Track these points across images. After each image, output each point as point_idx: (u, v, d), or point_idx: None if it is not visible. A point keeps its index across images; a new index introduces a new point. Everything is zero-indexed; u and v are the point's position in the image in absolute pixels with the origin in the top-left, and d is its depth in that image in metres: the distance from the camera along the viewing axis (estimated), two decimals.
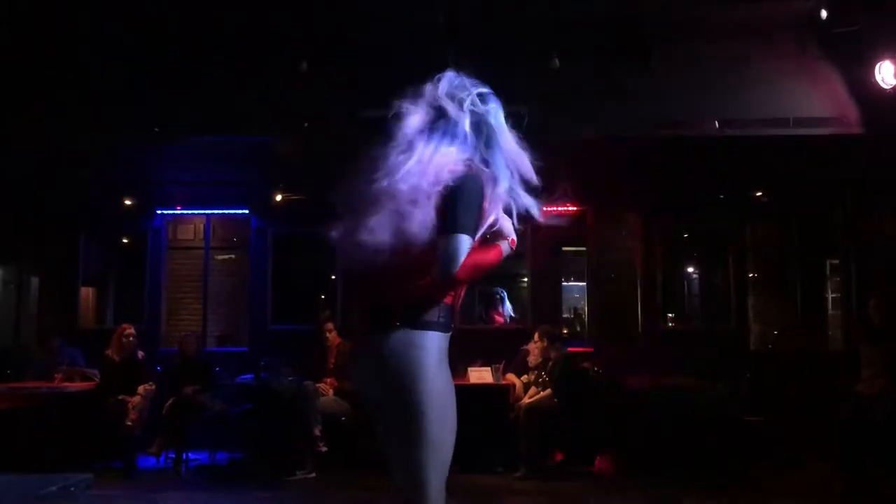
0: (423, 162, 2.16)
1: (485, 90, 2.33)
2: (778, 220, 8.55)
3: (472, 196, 2.17)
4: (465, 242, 2.12)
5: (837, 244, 8.15)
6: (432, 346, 2.17)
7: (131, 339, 7.09)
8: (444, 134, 2.22)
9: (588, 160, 7.65)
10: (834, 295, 8.33)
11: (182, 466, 6.75)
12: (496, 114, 2.32)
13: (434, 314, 2.19)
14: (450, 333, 2.24)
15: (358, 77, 6.48)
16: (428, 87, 2.31)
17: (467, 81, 2.32)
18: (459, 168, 2.18)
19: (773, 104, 6.68)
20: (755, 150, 7.04)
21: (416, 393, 2.13)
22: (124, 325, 7.24)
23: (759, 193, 8.36)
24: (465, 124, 2.24)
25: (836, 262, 8.29)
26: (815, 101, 6.69)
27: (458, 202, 2.13)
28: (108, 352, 7.07)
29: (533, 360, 6.93)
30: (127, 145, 7.25)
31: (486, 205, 2.21)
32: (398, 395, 2.15)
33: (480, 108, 2.28)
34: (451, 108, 2.24)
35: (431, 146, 2.19)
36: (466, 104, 2.26)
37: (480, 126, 2.27)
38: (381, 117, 2.33)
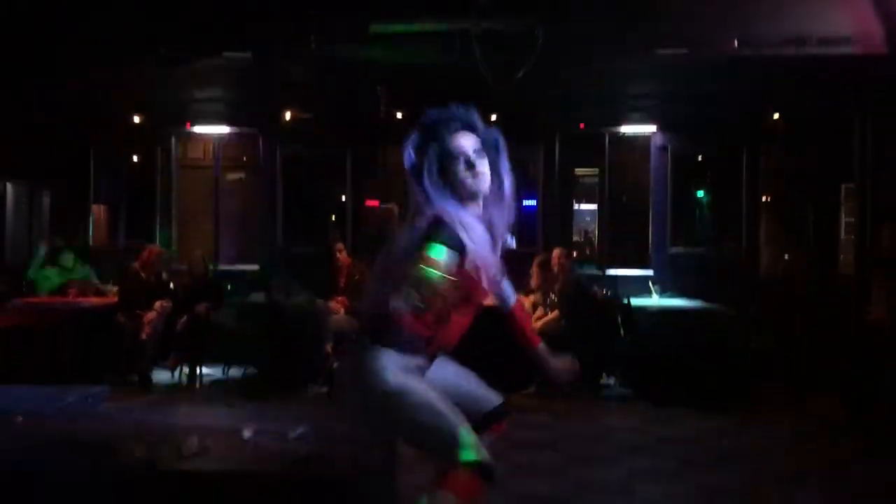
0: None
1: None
2: (794, 143, 8.41)
3: None
4: None
5: (855, 168, 8.02)
6: (391, 360, 2.27)
7: (161, 260, 7.33)
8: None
9: (602, 80, 7.51)
10: (848, 220, 8.25)
11: (197, 381, 6.90)
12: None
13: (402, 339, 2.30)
14: (420, 357, 2.34)
15: None
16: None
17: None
18: None
19: (795, 22, 6.48)
20: (774, 69, 6.87)
21: (380, 393, 2.26)
22: (153, 248, 7.34)
23: (776, 116, 8.21)
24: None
25: (852, 186, 8.18)
26: (837, 18, 6.48)
27: None
28: (136, 265, 7.14)
29: (535, 282, 6.97)
30: (134, 64, 7.14)
31: None
32: (367, 397, 2.30)
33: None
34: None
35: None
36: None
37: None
38: (389, 33, 2.29)
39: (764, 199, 8.57)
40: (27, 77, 7.34)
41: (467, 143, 2.38)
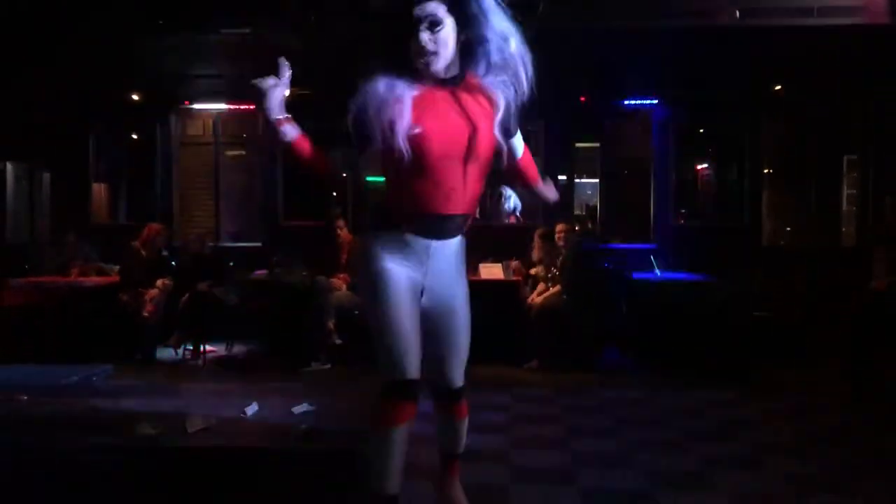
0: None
1: None
2: (796, 115, 8.36)
3: None
4: None
5: (857, 140, 7.98)
6: (382, 246, 2.42)
7: (162, 237, 7.28)
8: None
9: (602, 51, 7.45)
10: (850, 191, 8.22)
11: (200, 358, 6.93)
12: None
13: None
14: (404, 233, 2.39)
15: None
16: None
17: None
18: None
19: None
20: (777, 41, 6.81)
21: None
22: (154, 226, 7.31)
23: (778, 87, 8.15)
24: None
25: (854, 158, 8.15)
26: None
27: None
28: (136, 243, 7.13)
29: (537, 254, 6.99)
30: (133, 39, 7.11)
31: None
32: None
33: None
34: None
35: None
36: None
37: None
38: (388, 9, 2.27)
39: (766, 171, 8.54)
40: (27, 57, 7.31)
41: (422, 11, 2.22)
